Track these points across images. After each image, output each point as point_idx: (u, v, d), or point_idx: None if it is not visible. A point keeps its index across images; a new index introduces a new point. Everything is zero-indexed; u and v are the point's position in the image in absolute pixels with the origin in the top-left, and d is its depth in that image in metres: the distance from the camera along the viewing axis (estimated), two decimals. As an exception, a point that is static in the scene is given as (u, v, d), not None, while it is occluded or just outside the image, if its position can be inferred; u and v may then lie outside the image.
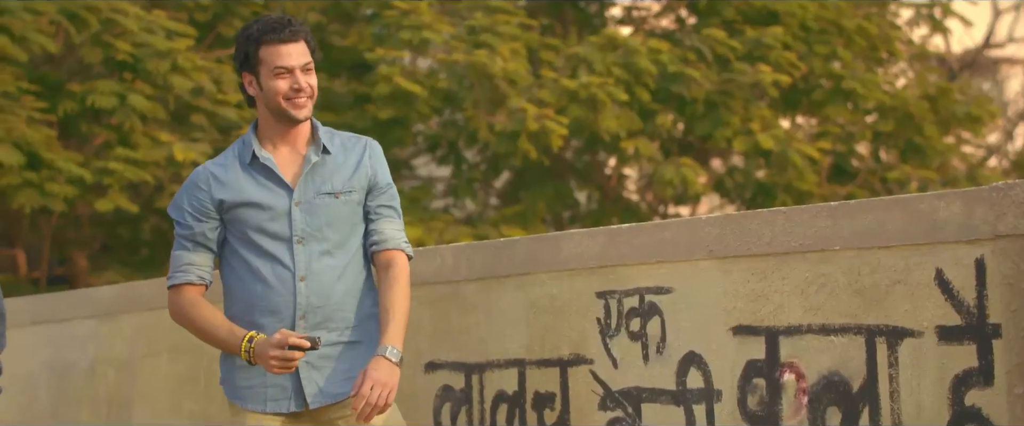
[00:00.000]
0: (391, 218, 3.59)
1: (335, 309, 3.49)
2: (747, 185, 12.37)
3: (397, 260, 3.54)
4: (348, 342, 3.51)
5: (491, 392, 4.11)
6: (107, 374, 5.68)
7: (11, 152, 9.04)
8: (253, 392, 3.49)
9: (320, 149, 3.53)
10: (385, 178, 3.59)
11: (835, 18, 12.51)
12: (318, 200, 3.50)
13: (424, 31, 10.72)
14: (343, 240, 3.52)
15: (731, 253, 3.49)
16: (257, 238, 3.48)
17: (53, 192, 9.27)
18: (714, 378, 3.53)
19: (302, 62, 3.46)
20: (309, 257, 3.48)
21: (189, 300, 3.51)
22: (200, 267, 3.53)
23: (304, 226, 3.49)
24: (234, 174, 3.51)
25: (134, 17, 9.78)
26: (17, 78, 9.62)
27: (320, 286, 3.47)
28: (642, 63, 10.99)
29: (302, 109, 3.48)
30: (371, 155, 3.58)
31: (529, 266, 4.02)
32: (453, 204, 12.91)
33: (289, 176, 3.52)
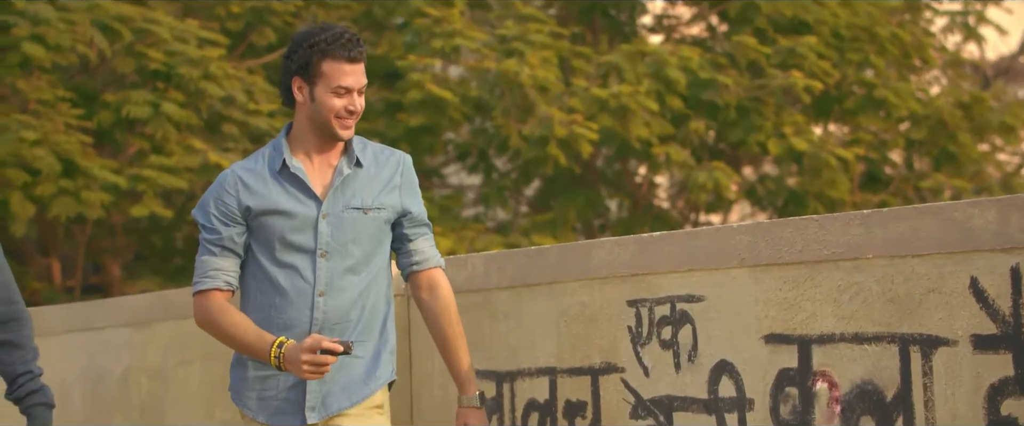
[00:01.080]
0: (427, 236, 3.55)
1: (350, 327, 3.43)
2: (779, 193, 12.32)
3: (441, 281, 3.52)
4: (354, 357, 3.46)
5: (522, 400, 4.10)
6: (140, 382, 5.70)
7: (48, 160, 9.11)
8: (263, 403, 3.44)
9: (353, 162, 3.45)
10: (416, 197, 3.53)
11: (868, 26, 12.44)
12: (346, 214, 3.42)
13: (455, 39, 10.74)
14: (367, 257, 3.45)
15: (763, 261, 3.47)
16: (280, 248, 3.41)
17: (88, 200, 9.34)
18: (746, 387, 3.51)
19: (361, 84, 3.40)
20: (331, 272, 3.41)
21: (216, 306, 3.42)
22: (227, 272, 3.45)
23: (329, 240, 3.41)
24: (263, 181, 3.44)
25: (167, 26, 9.85)
26: (53, 87, 9.70)
27: (339, 303, 3.41)
28: (672, 73, 10.97)
29: (349, 130, 3.42)
30: (404, 173, 3.51)
31: (560, 274, 4.02)
32: (484, 213, 12.91)
33: (319, 187, 3.44)
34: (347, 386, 3.42)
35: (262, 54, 11.56)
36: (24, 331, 3.55)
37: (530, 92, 10.54)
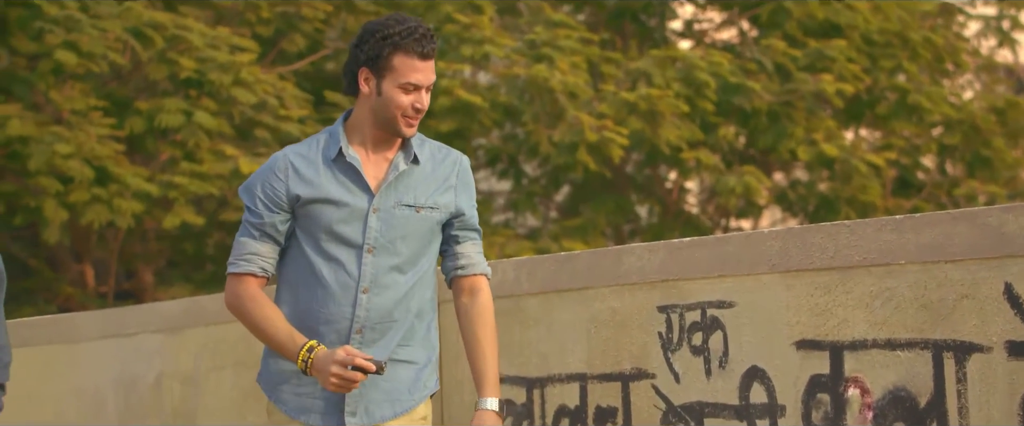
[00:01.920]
0: (475, 241, 3.39)
1: (393, 327, 3.27)
2: (810, 198, 12.27)
3: (483, 287, 3.36)
4: (396, 360, 3.29)
5: (553, 406, 4.10)
6: (173, 388, 5.73)
7: (81, 167, 9.18)
8: (299, 400, 3.28)
9: (410, 158, 3.29)
10: (470, 200, 3.38)
11: (900, 31, 12.38)
12: (397, 211, 3.26)
13: (485, 46, 10.75)
14: (415, 256, 3.30)
15: (794, 267, 3.45)
16: (325, 239, 3.25)
17: (121, 207, 9.40)
18: (777, 393, 3.49)
19: (430, 81, 3.25)
20: (377, 269, 3.25)
21: (249, 293, 3.26)
22: (264, 258, 3.28)
23: (378, 235, 3.25)
24: (315, 168, 3.27)
25: (198, 33, 9.90)
26: (86, 95, 9.78)
27: (383, 301, 3.25)
28: (701, 76, 10.95)
29: (412, 129, 3.27)
30: (460, 174, 3.36)
31: (590, 280, 4.01)
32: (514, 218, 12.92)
33: (372, 180, 3.28)
34: (392, 393, 3.27)
35: (292, 60, 11.61)
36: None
37: (560, 97, 10.54)
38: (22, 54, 10.14)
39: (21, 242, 11.31)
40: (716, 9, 13.25)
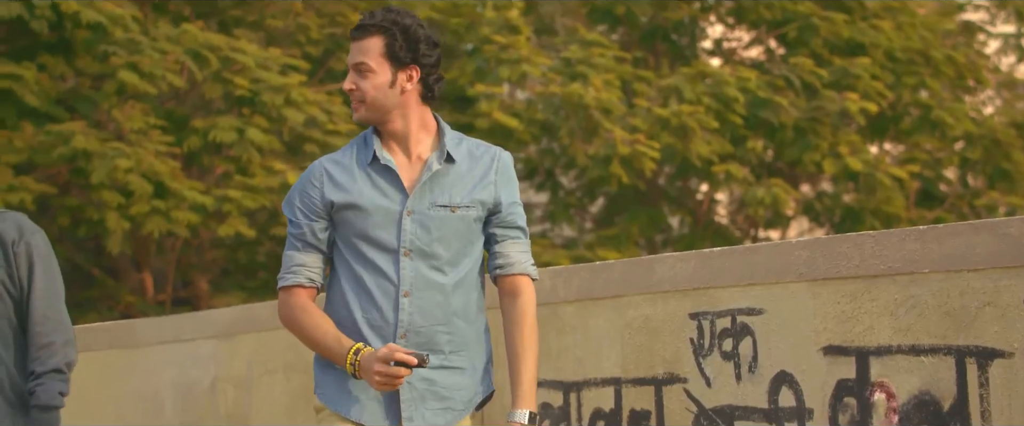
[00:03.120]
0: (517, 239, 3.15)
1: (440, 331, 3.09)
2: (835, 209, 12.21)
3: (524, 289, 3.13)
4: (448, 367, 3.11)
5: (588, 409, 4.09)
6: (227, 391, 5.75)
7: (141, 182, 9.27)
8: (354, 401, 3.11)
9: (443, 156, 3.10)
10: (511, 196, 3.15)
11: (923, 49, 12.32)
12: (433, 212, 3.08)
13: (523, 65, 10.76)
14: (455, 257, 3.10)
15: (821, 275, 3.43)
16: (362, 245, 3.09)
17: (178, 219, 9.48)
18: (805, 397, 3.47)
19: (354, 61, 3.09)
20: (416, 272, 3.07)
21: (299, 304, 3.12)
22: (310, 269, 3.13)
23: (413, 238, 3.07)
24: (350, 174, 3.11)
25: (251, 55, 9.97)
26: (146, 114, 9.87)
27: (425, 304, 3.07)
28: (730, 92, 10.93)
29: (356, 112, 3.12)
30: (499, 171, 3.14)
31: (624, 288, 4.00)
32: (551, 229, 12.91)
33: (408, 182, 3.10)
34: (448, 402, 3.09)
35: (340, 78, 11.66)
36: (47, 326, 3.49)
37: (594, 113, 10.54)
38: (87, 75, 10.25)
39: (85, 252, 11.42)
40: (744, 28, 13.21)
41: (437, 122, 3.16)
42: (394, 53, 3.07)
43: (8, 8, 9.15)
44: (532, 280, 3.15)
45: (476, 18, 11.73)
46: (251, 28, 11.27)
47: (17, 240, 3.43)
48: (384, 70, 3.08)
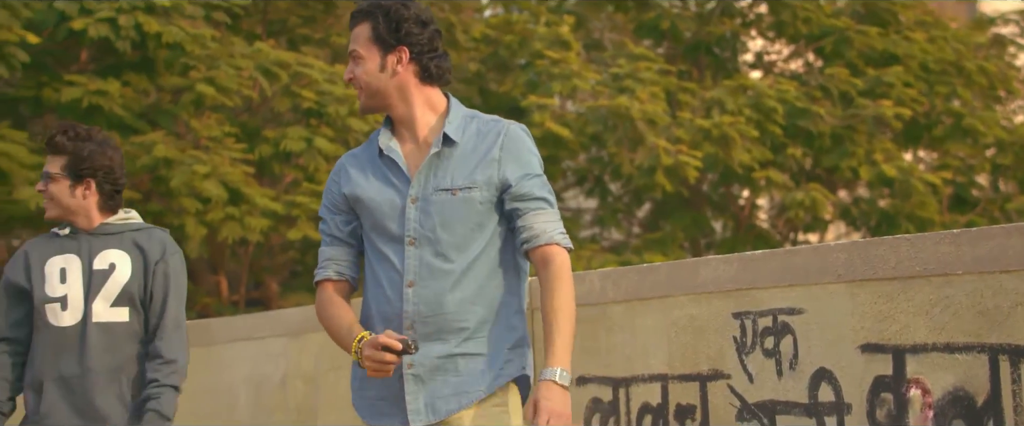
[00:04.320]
0: (541, 210, 2.83)
1: (449, 319, 2.79)
2: (871, 213, 12.10)
3: (554, 257, 2.79)
4: (464, 354, 2.81)
5: (636, 404, 4.07)
6: (296, 386, 5.79)
7: (217, 189, 9.37)
8: (365, 403, 2.88)
9: (441, 138, 2.84)
10: (521, 170, 2.83)
11: (955, 60, 12.20)
12: (435, 197, 2.81)
13: (573, 79, 10.76)
14: (461, 242, 2.81)
15: (858, 277, 3.40)
16: (374, 236, 2.86)
17: (251, 225, 9.58)
18: (844, 392, 3.44)
19: (349, 50, 2.88)
20: (420, 260, 2.80)
21: (325, 297, 2.90)
22: (337, 262, 2.91)
23: (417, 225, 2.81)
24: (362, 166, 2.90)
25: (318, 70, 10.06)
26: (221, 124, 9.98)
27: (431, 293, 2.79)
28: (770, 103, 10.88)
29: (358, 99, 2.89)
30: (504, 145, 2.83)
31: (670, 289, 3.98)
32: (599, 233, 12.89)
33: (413, 170, 2.86)
34: (460, 386, 2.79)
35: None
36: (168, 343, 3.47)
37: (640, 125, 10.52)
38: (167, 90, 10.38)
39: (164, 256, 11.54)
40: (784, 42, 13.13)
41: (447, 102, 2.90)
42: (380, 36, 2.84)
43: (96, 29, 9.29)
44: (563, 248, 2.83)
45: (528, 34, 11.74)
46: (318, 45, 11.37)
47: (159, 260, 3.44)
48: (373, 55, 2.85)
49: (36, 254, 3.44)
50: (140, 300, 3.42)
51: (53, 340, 3.38)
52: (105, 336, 3.38)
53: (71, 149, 3.41)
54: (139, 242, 3.44)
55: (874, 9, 12.46)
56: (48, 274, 3.40)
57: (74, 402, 3.34)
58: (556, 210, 2.86)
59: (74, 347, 3.37)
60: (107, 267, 3.41)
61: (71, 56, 10.35)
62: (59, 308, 3.38)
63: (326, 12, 11.70)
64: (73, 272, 3.40)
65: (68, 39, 9.64)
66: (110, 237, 3.43)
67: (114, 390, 3.37)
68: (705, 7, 12.65)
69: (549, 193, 2.86)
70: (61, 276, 3.40)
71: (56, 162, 3.42)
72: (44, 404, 3.35)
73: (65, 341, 3.37)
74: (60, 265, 3.41)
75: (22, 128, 10.23)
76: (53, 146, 3.43)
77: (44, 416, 3.34)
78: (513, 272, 2.88)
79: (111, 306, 3.40)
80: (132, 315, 3.42)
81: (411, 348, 2.69)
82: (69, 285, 3.39)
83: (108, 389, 3.36)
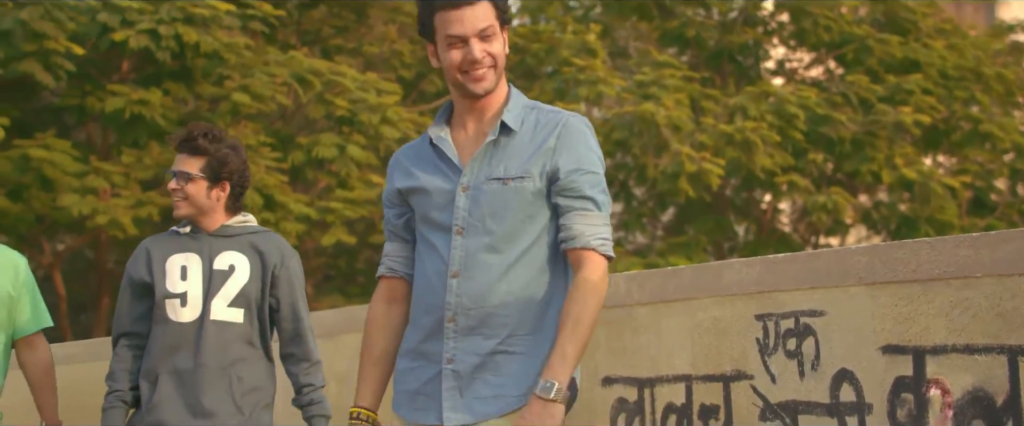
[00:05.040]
0: (584, 211, 2.58)
1: (493, 313, 2.57)
2: (892, 217, 12.04)
3: (584, 263, 2.55)
4: (505, 352, 2.57)
5: (661, 404, 4.07)
6: (330, 387, 5.80)
7: (252, 195, 9.43)
8: (409, 398, 2.64)
9: (498, 127, 2.61)
10: (573, 163, 2.58)
11: (974, 67, 12.13)
12: (486, 186, 2.59)
13: (599, 86, 10.76)
14: (511, 233, 2.58)
15: (879, 279, 3.38)
16: (424, 227, 2.65)
17: (286, 229, 9.62)
18: (865, 393, 3.42)
19: (476, 29, 2.54)
20: (467, 251, 2.58)
21: (377, 296, 2.73)
22: (392, 258, 2.72)
23: (466, 215, 2.59)
24: (415, 158, 2.70)
25: (350, 78, 10.10)
26: (256, 133, 10.04)
27: (475, 285, 2.57)
28: (792, 109, 10.86)
29: (481, 82, 2.57)
30: (561, 135, 2.59)
31: (694, 292, 3.97)
32: (625, 237, 12.87)
33: (466, 158, 2.64)
34: (499, 389, 2.56)
35: (431, 99, 11.75)
36: (303, 346, 3.50)
37: (665, 130, 10.50)
38: (205, 98, 10.45)
39: (202, 259, 11.61)
40: (805, 50, 13.09)
41: (508, 90, 2.65)
42: (501, 14, 2.59)
43: (137, 40, 9.37)
44: (600, 255, 2.57)
45: (556, 42, 11.75)
46: (350, 54, 11.42)
47: (279, 264, 3.43)
48: (499, 33, 2.59)
49: (157, 251, 3.43)
50: (256, 303, 3.42)
51: (171, 334, 3.38)
52: (220, 334, 3.38)
53: (212, 151, 3.39)
54: (257, 245, 3.43)
55: (894, 17, 12.40)
56: (169, 270, 3.40)
57: (185, 396, 3.34)
58: (605, 213, 2.61)
59: (190, 343, 3.37)
60: (227, 268, 3.41)
61: (113, 66, 10.44)
62: (179, 304, 3.38)
63: (359, 22, 11.75)
64: (194, 270, 3.40)
65: (110, 50, 9.72)
66: (229, 239, 3.42)
67: (223, 387, 3.37)
68: (728, 16, 12.62)
69: (601, 194, 2.61)
70: (182, 273, 3.40)
71: (194, 163, 3.40)
72: (157, 394, 3.34)
73: (182, 336, 3.37)
74: (181, 262, 3.41)
75: (66, 137, 10.33)
76: (194, 148, 3.40)
77: (156, 406, 3.35)
78: (562, 271, 2.63)
79: (228, 306, 3.39)
80: (246, 317, 3.41)
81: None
82: (189, 282, 3.39)
83: (218, 386, 3.37)
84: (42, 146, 9.53)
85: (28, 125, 10.18)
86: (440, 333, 2.59)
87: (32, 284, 3.58)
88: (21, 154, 9.45)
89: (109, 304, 12.36)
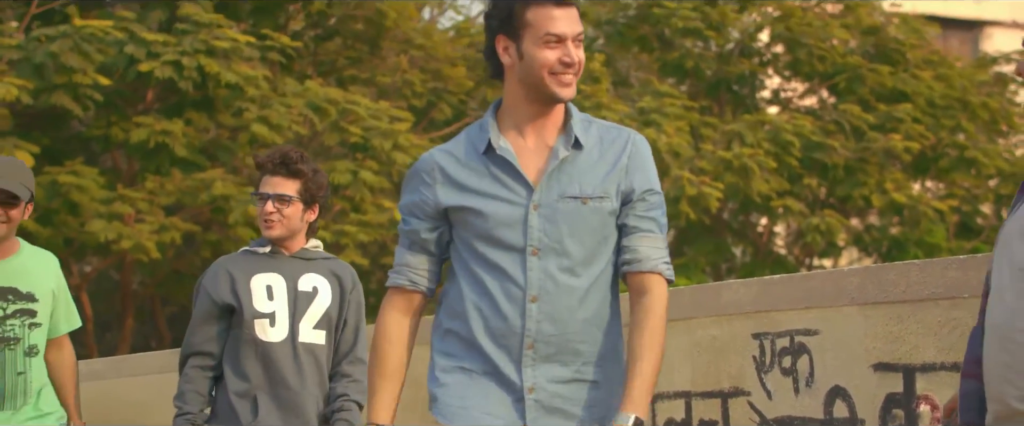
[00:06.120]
0: (650, 233, 2.40)
1: (572, 340, 2.37)
2: (883, 240, 12.05)
3: (652, 288, 2.39)
4: (582, 381, 2.39)
5: (662, 419, 4.07)
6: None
7: (269, 219, 9.47)
8: (469, 415, 2.39)
9: (571, 142, 2.38)
10: (645, 184, 2.41)
11: (960, 97, 12.18)
12: (561, 204, 2.36)
13: (602, 111, 10.79)
14: (589, 256, 2.38)
15: (871, 300, 3.38)
16: (483, 246, 2.38)
17: (301, 251, 9.66)
18: (857, 409, 3.42)
19: (576, 32, 2.35)
20: (544, 273, 2.36)
21: (388, 307, 2.47)
22: (414, 270, 2.44)
23: (541, 235, 2.36)
24: (464, 167, 2.40)
25: (364, 107, 10.15)
26: (273, 160, 10.09)
27: (556, 310, 2.36)
28: (787, 136, 10.89)
29: (568, 87, 2.36)
30: (632, 154, 2.41)
31: (693, 311, 3.98)
32: (627, 258, 12.86)
33: (531, 173, 2.38)
34: (574, 417, 2.39)
35: (441, 127, 11.79)
36: (357, 368, 3.39)
37: (665, 157, 10.52)
38: (226, 127, 10.51)
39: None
40: (799, 80, 13.13)
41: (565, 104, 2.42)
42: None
43: (162, 71, 9.44)
44: (664, 279, 2.42)
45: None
46: (364, 84, 11.47)
47: (352, 288, 3.38)
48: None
49: (238, 271, 3.33)
50: (334, 326, 3.36)
51: (263, 354, 3.29)
52: (309, 355, 3.31)
53: (308, 174, 3.32)
54: (334, 270, 3.37)
55: (884, 49, 12.44)
56: (255, 290, 3.30)
57: (284, 416, 3.27)
58: (664, 236, 2.46)
59: (285, 363, 3.28)
60: (310, 290, 3.33)
61: (139, 96, 10.50)
62: (268, 324, 3.29)
63: (372, 54, 11.81)
64: (279, 290, 3.31)
65: (136, 80, 9.79)
66: (308, 262, 3.35)
67: (314, 408, 3.31)
68: (725, 48, 12.67)
69: (663, 216, 2.46)
70: (268, 293, 3.31)
71: (291, 185, 3.32)
72: (260, 413, 3.25)
73: (275, 356, 3.28)
74: (265, 282, 3.32)
75: (93, 164, 10.38)
76: (292, 170, 3.32)
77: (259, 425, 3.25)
78: (616, 296, 2.47)
79: (313, 328, 3.32)
80: (327, 339, 3.34)
81: None
82: (276, 302, 3.30)
83: (310, 406, 3.30)
84: (71, 173, 9.58)
85: (58, 153, 10.23)
86: (511, 360, 2.38)
87: (65, 285, 3.53)
88: (51, 180, 9.50)
89: (133, 324, 12.39)
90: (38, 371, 3.37)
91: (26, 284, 3.34)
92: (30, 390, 3.33)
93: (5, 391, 3.30)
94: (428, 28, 12.37)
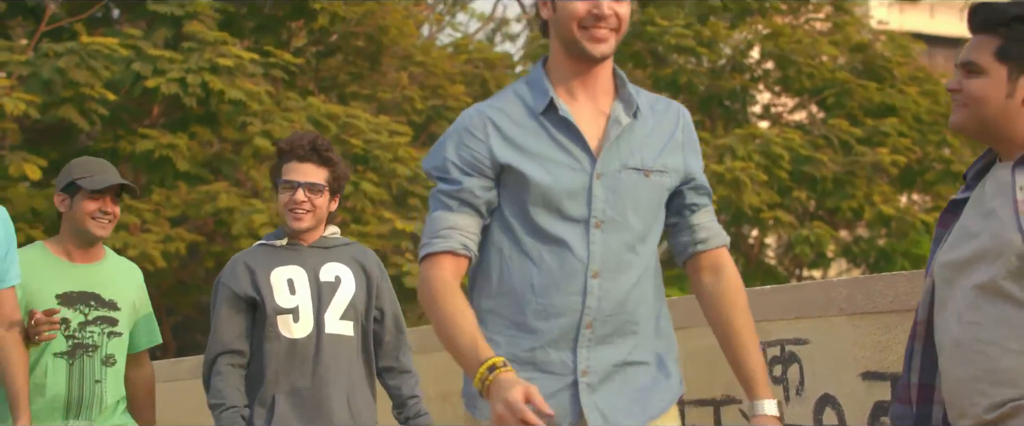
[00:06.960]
0: (709, 208, 2.24)
1: (628, 320, 2.15)
2: (871, 251, 12.06)
3: (728, 263, 2.25)
4: (634, 362, 2.18)
5: (656, 426, 4.06)
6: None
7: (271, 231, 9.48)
8: None
9: (632, 109, 2.16)
10: (700, 164, 2.25)
11: (946, 111, 12.19)
12: (624, 175, 2.14)
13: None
14: (646, 232, 2.16)
15: (859, 310, 3.38)
16: (541, 214, 2.12)
17: (304, 264, 9.66)
18: (847, 417, 3.41)
19: None
20: (607, 248, 2.12)
21: (442, 277, 2.09)
22: (464, 233, 2.12)
23: (606, 207, 2.12)
24: (519, 126, 2.13)
25: (364, 121, 10.16)
26: (276, 174, 10.11)
27: (617, 288, 2.13)
28: (777, 150, 10.90)
29: (601, 43, 2.10)
30: (685, 129, 2.21)
31: (687, 321, 3.97)
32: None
33: (591, 138, 2.14)
34: (636, 399, 2.16)
35: (440, 142, 11.82)
36: (407, 357, 3.22)
37: (659, 170, 10.57)
38: (229, 141, 10.51)
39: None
40: (789, 95, 13.16)
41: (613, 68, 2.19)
42: None
43: (168, 87, 9.46)
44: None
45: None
46: (365, 100, 11.48)
47: (379, 276, 3.17)
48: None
49: (257, 265, 3.09)
50: (362, 315, 3.12)
51: (286, 351, 3.05)
52: (335, 348, 3.07)
53: (337, 162, 3.12)
54: (357, 258, 3.14)
55: (871, 65, 12.48)
56: (276, 285, 3.06)
57: (304, 414, 3.03)
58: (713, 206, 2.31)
59: (308, 359, 3.04)
60: (333, 280, 3.10)
61: (144, 111, 10.50)
62: (291, 320, 3.05)
63: (373, 70, 11.82)
64: (301, 283, 3.07)
65: (142, 96, 9.79)
66: (329, 250, 3.12)
67: (343, 401, 3.07)
68: (717, 64, 12.69)
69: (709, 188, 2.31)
70: (289, 287, 3.07)
71: (320, 173, 3.09)
72: (276, 417, 3.01)
73: (299, 352, 3.04)
74: (286, 276, 3.08)
75: (100, 176, 10.34)
76: (324, 158, 3.10)
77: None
78: (659, 274, 2.26)
79: (339, 319, 3.09)
80: (355, 329, 3.11)
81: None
82: (298, 297, 3.06)
83: (339, 400, 3.06)
84: (77, 185, 9.57)
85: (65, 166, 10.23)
86: (565, 341, 2.12)
87: (148, 299, 3.31)
88: (58, 192, 9.50)
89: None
90: (114, 383, 3.15)
91: (109, 291, 3.16)
92: (106, 402, 3.12)
93: (82, 400, 3.09)
94: (427, 45, 12.39)
